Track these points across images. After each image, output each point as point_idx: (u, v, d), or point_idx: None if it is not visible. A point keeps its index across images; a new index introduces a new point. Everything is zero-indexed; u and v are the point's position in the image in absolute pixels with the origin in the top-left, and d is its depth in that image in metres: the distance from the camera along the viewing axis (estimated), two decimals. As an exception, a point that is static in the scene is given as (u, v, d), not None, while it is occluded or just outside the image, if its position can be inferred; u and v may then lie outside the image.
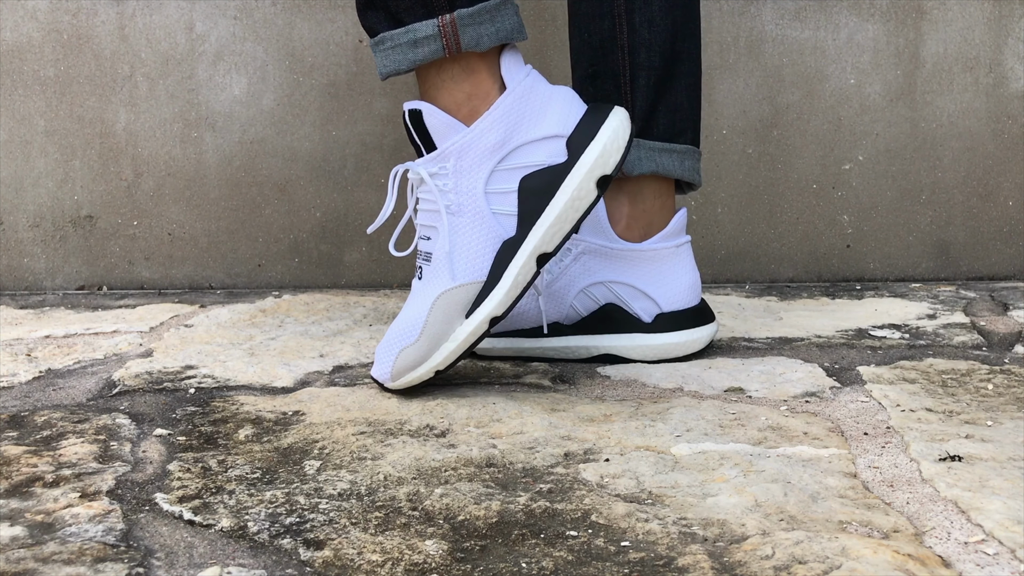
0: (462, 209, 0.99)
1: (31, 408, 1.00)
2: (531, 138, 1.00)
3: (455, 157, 0.99)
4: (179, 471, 0.85)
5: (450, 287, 0.99)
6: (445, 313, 0.99)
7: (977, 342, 1.19)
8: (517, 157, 1.00)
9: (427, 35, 0.98)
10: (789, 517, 0.76)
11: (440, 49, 0.98)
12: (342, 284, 1.51)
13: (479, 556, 0.71)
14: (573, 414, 0.98)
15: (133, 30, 1.47)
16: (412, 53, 0.99)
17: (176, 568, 0.69)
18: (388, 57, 1.00)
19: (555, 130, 1.00)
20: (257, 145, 1.49)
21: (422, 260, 1.02)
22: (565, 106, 1.01)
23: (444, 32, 0.98)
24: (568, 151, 0.99)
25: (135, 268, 1.51)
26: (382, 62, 1.01)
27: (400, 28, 0.99)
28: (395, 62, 1.00)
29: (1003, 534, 0.72)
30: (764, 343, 1.20)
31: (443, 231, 1.00)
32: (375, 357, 1.03)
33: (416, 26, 0.98)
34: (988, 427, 0.92)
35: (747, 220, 1.50)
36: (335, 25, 1.47)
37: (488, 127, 0.99)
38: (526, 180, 0.99)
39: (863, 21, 1.47)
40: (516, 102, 1.00)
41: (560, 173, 0.99)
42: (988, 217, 1.50)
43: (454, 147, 0.99)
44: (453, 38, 0.98)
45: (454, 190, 0.99)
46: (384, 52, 1.00)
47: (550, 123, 1.00)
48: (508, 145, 0.99)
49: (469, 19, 0.98)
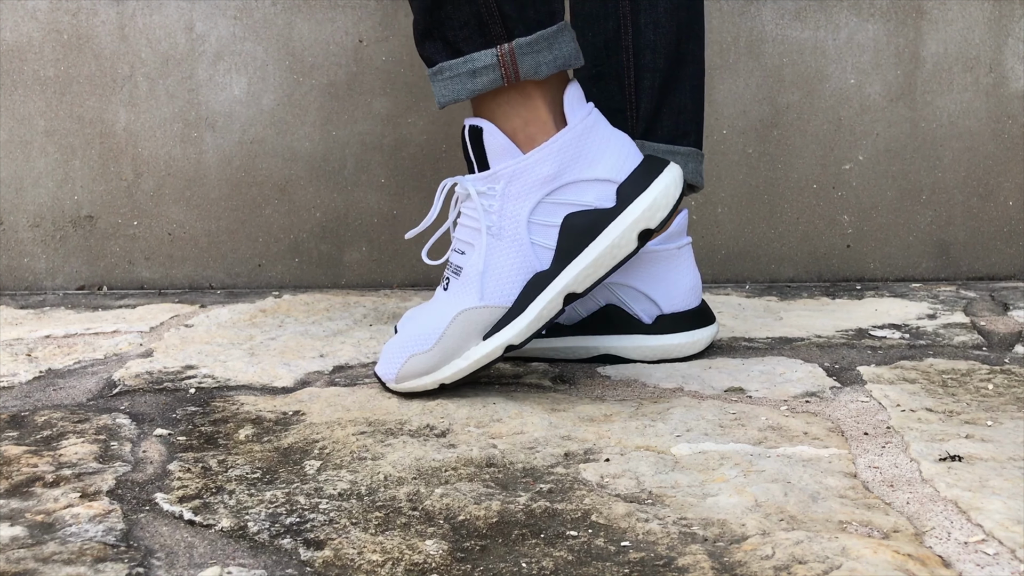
0: (502, 233, 0.99)
1: (31, 408, 1.00)
2: (584, 177, 1.00)
3: (506, 180, 0.99)
4: (179, 471, 0.85)
5: (475, 306, 0.99)
6: (464, 330, 1.00)
7: (977, 342, 1.19)
8: (566, 193, 1.00)
9: (486, 64, 0.98)
10: (789, 517, 0.76)
11: (499, 78, 0.98)
12: (342, 284, 1.52)
13: (479, 556, 0.71)
14: (573, 414, 0.98)
15: (133, 30, 1.47)
16: (471, 83, 0.99)
17: (176, 568, 0.69)
18: (447, 87, 1.00)
19: (608, 174, 1.00)
20: (257, 145, 1.49)
21: (451, 272, 1.02)
22: (622, 152, 1.01)
23: (503, 61, 0.98)
24: (617, 198, 0.99)
25: (135, 268, 1.51)
26: (441, 91, 1.01)
27: (459, 58, 0.99)
28: (454, 91, 1.00)
29: (1003, 534, 0.72)
30: (764, 343, 1.20)
31: (479, 250, 1.00)
32: (382, 354, 1.03)
33: (475, 56, 0.98)
34: (988, 427, 0.92)
35: (747, 220, 1.50)
36: (335, 25, 1.47)
37: (544, 158, 0.99)
38: (571, 218, 0.99)
39: (863, 21, 1.47)
40: (575, 139, 1.00)
41: (606, 218, 0.99)
42: (988, 217, 1.50)
43: (507, 171, 0.99)
44: (512, 67, 0.98)
45: (499, 212, 0.99)
46: (443, 82, 1.00)
47: (605, 166, 1.00)
48: (560, 179, 0.99)
49: (527, 47, 0.98)
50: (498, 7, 0.97)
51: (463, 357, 1.00)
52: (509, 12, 0.98)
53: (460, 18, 0.98)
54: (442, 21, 0.99)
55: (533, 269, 0.99)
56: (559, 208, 0.99)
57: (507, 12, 0.97)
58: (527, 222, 0.99)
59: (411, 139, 1.49)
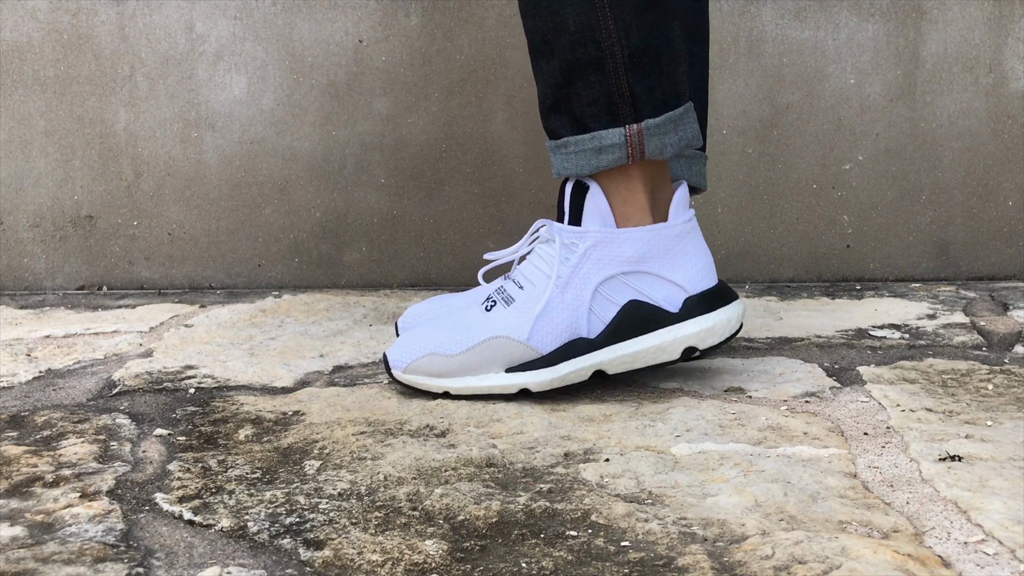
0: (568, 288, 1.01)
1: (31, 408, 1.00)
2: (661, 274, 1.02)
3: (592, 243, 1.01)
4: (179, 471, 0.85)
5: (515, 339, 1.01)
6: (492, 354, 1.01)
7: (977, 342, 1.19)
8: (639, 281, 1.02)
9: (613, 143, 0.99)
10: (789, 517, 0.76)
11: (624, 157, 1.00)
12: (342, 284, 1.51)
13: (479, 556, 0.71)
14: (573, 414, 0.98)
15: (133, 30, 1.47)
16: (595, 159, 1.00)
17: (176, 568, 0.69)
18: (570, 160, 1.01)
19: (684, 282, 1.02)
20: (257, 145, 1.49)
21: (500, 297, 1.04)
22: (703, 269, 1.03)
23: (630, 141, 0.99)
24: (683, 307, 1.02)
25: (135, 268, 1.51)
26: (563, 163, 1.02)
27: (585, 134, 1.00)
28: (577, 166, 1.01)
29: (1003, 534, 0.72)
30: (764, 343, 1.20)
31: (541, 294, 1.01)
32: (401, 339, 1.04)
33: (602, 134, 0.99)
34: (988, 427, 0.92)
35: (747, 220, 1.50)
36: (335, 25, 1.47)
37: (635, 239, 1.01)
38: (634, 304, 1.01)
39: (863, 21, 1.47)
40: (670, 237, 1.02)
41: (665, 320, 1.02)
42: (988, 217, 1.50)
43: (596, 236, 1.01)
44: (638, 147, 1.00)
45: (573, 268, 1.01)
46: (566, 155, 1.01)
47: (684, 274, 1.02)
48: (639, 266, 1.01)
49: (655, 129, 1.00)
50: (629, 88, 0.99)
51: (479, 378, 1.01)
52: (640, 93, 0.99)
53: (590, 96, 0.99)
54: (571, 97, 1.00)
55: (579, 333, 1.01)
56: (627, 290, 1.01)
57: (637, 93, 0.99)
58: (594, 289, 1.01)
59: (411, 139, 1.49)
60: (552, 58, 1.00)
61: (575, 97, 1.00)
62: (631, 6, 0.98)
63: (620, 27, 0.98)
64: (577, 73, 0.99)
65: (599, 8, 0.98)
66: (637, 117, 1.00)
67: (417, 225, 1.50)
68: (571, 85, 1.00)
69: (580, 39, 0.98)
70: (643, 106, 1.00)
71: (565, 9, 0.98)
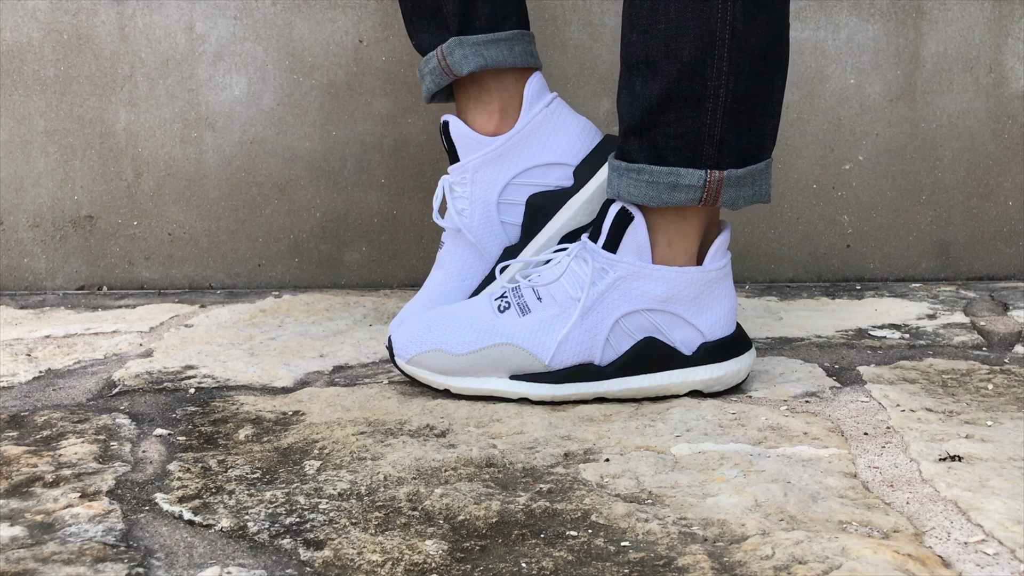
0: (590, 313, 1.00)
1: (31, 408, 1.00)
2: (686, 317, 1.01)
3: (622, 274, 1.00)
4: (179, 471, 0.85)
5: (528, 350, 1.00)
6: (499, 359, 1.00)
7: (977, 342, 1.19)
8: (662, 320, 1.01)
9: (690, 184, 0.97)
10: (789, 517, 0.76)
11: (698, 200, 0.97)
12: (342, 284, 1.52)
13: (479, 556, 0.71)
14: (573, 414, 0.98)
15: (133, 30, 1.47)
16: (667, 194, 0.97)
17: (176, 568, 0.69)
18: (639, 188, 0.98)
19: (704, 328, 1.01)
20: (257, 145, 1.49)
21: (517, 302, 1.02)
22: (726, 316, 1.02)
23: (709, 187, 0.97)
24: (696, 351, 1.01)
25: (135, 268, 1.51)
26: (628, 188, 0.98)
27: (663, 167, 0.97)
28: (645, 195, 0.98)
29: (1003, 534, 0.72)
30: (764, 343, 1.20)
31: (568, 318, 1.00)
32: (410, 323, 1.03)
33: (681, 171, 0.97)
34: (988, 427, 0.92)
35: (747, 220, 1.50)
36: (335, 25, 1.47)
37: (666, 280, 1.00)
38: (649, 342, 1.01)
39: (863, 21, 1.47)
40: (701, 282, 1.00)
41: (676, 362, 1.01)
42: (988, 217, 1.50)
43: (629, 268, 0.99)
44: (714, 193, 0.97)
45: (599, 296, 1.00)
46: (637, 182, 0.98)
47: (707, 320, 1.01)
48: (665, 305, 1.00)
49: (736, 180, 0.98)
50: (721, 132, 0.96)
51: (481, 380, 1.01)
52: (729, 140, 0.97)
53: (678, 130, 0.96)
54: (657, 125, 0.97)
55: (591, 358, 1.00)
56: (647, 326, 1.00)
57: (727, 139, 0.97)
58: (615, 320, 1.00)
59: (411, 139, 1.49)
60: (652, 81, 0.96)
61: (662, 126, 0.96)
62: (748, 52, 0.95)
63: (732, 70, 0.95)
64: (673, 104, 0.96)
65: (719, 47, 0.94)
66: (718, 163, 0.97)
67: (417, 225, 1.50)
68: (663, 113, 0.96)
69: (689, 72, 0.95)
70: (728, 153, 0.97)
71: (683, 37, 0.94)
